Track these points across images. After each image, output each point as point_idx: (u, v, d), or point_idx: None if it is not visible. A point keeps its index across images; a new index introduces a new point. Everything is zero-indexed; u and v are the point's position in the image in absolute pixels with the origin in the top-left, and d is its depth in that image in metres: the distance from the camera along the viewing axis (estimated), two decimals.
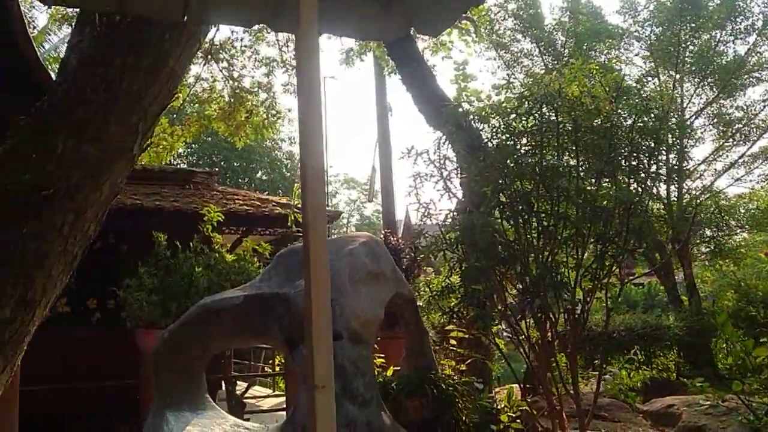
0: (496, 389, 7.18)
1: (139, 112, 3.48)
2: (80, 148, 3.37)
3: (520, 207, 4.27)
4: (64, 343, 9.08)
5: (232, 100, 12.83)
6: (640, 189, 4.53)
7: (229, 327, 3.37)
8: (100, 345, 9.46)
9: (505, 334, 6.36)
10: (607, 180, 4.51)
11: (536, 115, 4.43)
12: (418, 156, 4.57)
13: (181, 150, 26.08)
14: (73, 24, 4.11)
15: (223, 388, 9.16)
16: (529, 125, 4.52)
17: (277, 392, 13.17)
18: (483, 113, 4.88)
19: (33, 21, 16.33)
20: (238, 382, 10.99)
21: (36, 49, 10.78)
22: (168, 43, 3.47)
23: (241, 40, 12.94)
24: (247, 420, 5.25)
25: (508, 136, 4.57)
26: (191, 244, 8.10)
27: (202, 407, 3.59)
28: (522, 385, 5.37)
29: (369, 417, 2.92)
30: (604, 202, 4.31)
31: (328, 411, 1.58)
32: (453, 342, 5.29)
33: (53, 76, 11.48)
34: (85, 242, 3.56)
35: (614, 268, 4.33)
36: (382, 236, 10.40)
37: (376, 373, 3.44)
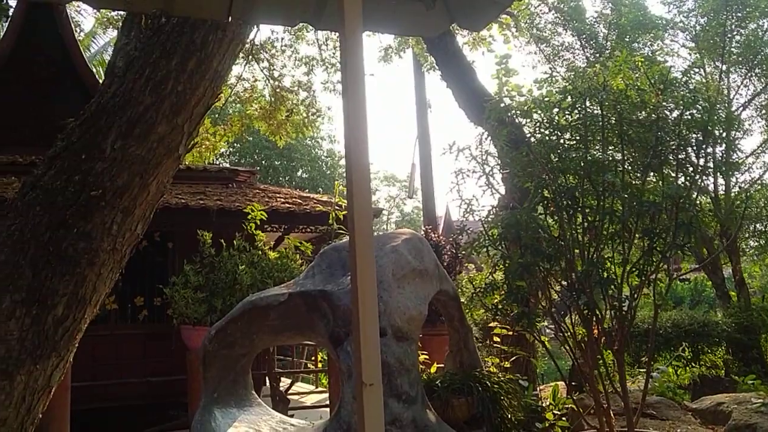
0: (540, 387, 7.11)
1: (184, 112, 3.53)
2: (128, 149, 3.44)
3: (565, 202, 4.21)
4: (113, 339, 9.30)
5: (272, 99, 12.95)
6: (687, 183, 4.43)
7: (275, 324, 3.40)
8: (147, 341, 9.66)
9: (548, 331, 6.29)
10: (654, 174, 4.42)
11: (580, 108, 4.37)
12: (460, 152, 4.55)
13: (223, 149, 26.40)
14: (119, 27, 4.19)
15: (267, 384, 9.26)
16: (573, 119, 4.45)
17: (320, 388, 13.27)
18: (525, 108, 4.82)
19: (79, 25, 16.71)
20: (281, 378, 11.10)
21: (83, 52, 11.02)
22: (212, 44, 3.51)
23: (281, 39, 13.05)
24: (291, 416, 5.29)
25: (551, 130, 4.51)
26: (235, 242, 8.20)
27: (248, 403, 3.64)
28: (567, 383, 5.31)
29: (414, 414, 2.92)
30: (651, 197, 4.22)
31: (377, 409, 1.58)
32: (496, 339, 5.26)
33: (98, 78, 11.72)
34: (133, 241, 3.64)
35: (662, 263, 4.25)
36: (422, 233, 10.38)
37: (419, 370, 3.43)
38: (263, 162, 33.39)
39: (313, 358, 14.94)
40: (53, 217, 3.36)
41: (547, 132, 4.56)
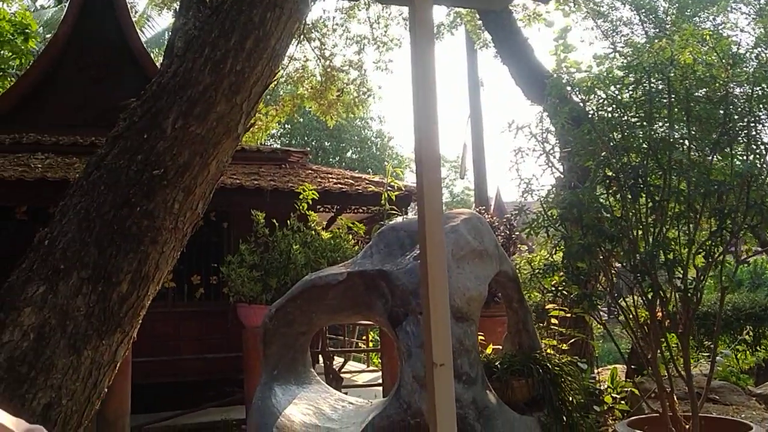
0: (597, 370, 7.00)
1: (243, 91, 3.54)
2: (188, 128, 3.46)
3: (628, 181, 4.09)
4: (171, 317, 9.52)
5: (323, 79, 12.96)
6: (757, 161, 4.25)
7: (333, 303, 3.41)
8: (204, 319, 9.86)
9: (601, 313, 6.16)
10: (723, 152, 4.25)
11: (645, 84, 4.22)
12: (519, 130, 4.45)
13: (274, 130, 26.64)
14: (176, 8, 4.24)
15: (320, 362, 9.36)
16: (638, 96, 4.31)
17: (371, 368, 13.37)
18: (587, 84, 4.69)
19: (134, 6, 16.99)
20: (334, 356, 11.21)
21: (139, 34, 11.18)
22: (270, 22, 3.50)
23: (333, 18, 13.03)
24: (345, 394, 5.33)
25: (614, 107, 4.37)
26: (288, 222, 8.27)
27: (307, 381, 3.66)
28: (628, 366, 5.20)
29: (474, 395, 2.89)
30: (719, 176, 4.06)
31: (447, 389, 1.54)
32: (554, 321, 5.18)
33: (154, 61, 11.89)
34: (194, 220, 3.67)
35: (731, 245, 4.10)
36: None
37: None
38: (313, 143, 33.60)
39: (364, 337, 15.07)
40: (117, 196, 3.41)
41: (609, 109, 4.43)
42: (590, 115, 4.60)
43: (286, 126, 31.75)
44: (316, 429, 3.22)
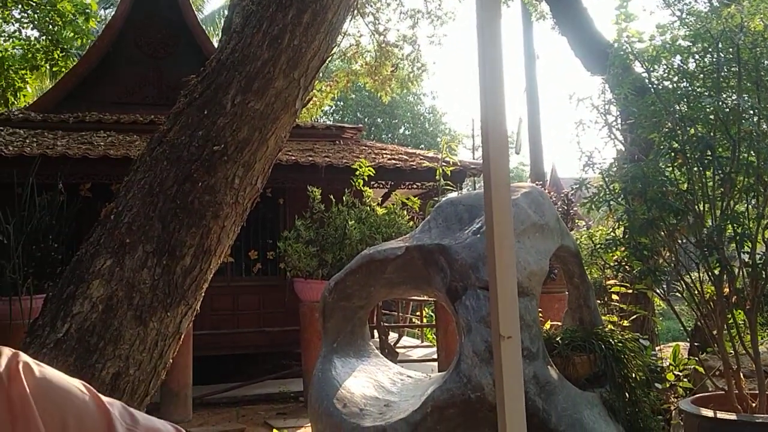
0: (658, 347, 6.86)
1: (300, 66, 3.54)
2: (247, 104, 3.48)
3: (695, 154, 3.95)
4: (230, 291, 9.73)
5: (377, 54, 12.90)
6: None
7: (391, 277, 3.41)
8: (261, 293, 10.04)
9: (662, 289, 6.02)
10: None
11: (713, 53, 4.05)
12: (580, 102, 4.34)
13: (326, 107, 26.72)
14: None
15: (375, 337, 9.43)
16: (705, 65, 4.14)
17: (425, 343, 13.43)
18: (650, 54, 4.53)
19: None
20: (389, 331, 11.29)
21: (195, 12, 11.30)
22: None
23: None
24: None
25: (679, 77, 4.22)
26: (344, 197, 8.32)
27: (366, 354, 3.69)
28: (690, 344, 5.08)
29: (536, 370, 2.86)
30: None
31: (515, 362, 1.52)
32: (615, 297, 5.08)
33: (211, 39, 12.00)
34: (253, 195, 3.71)
35: None
36: None
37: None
38: (365, 119, 33.60)
39: (417, 313, 15.13)
40: (179, 172, 3.46)
41: (675, 79, 4.27)
42: (654, 86, 4.45)
43: (339, 103, 31.83)
44: (376, 401, 3.24)
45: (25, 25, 12.01)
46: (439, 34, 13.34)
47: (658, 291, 4.35)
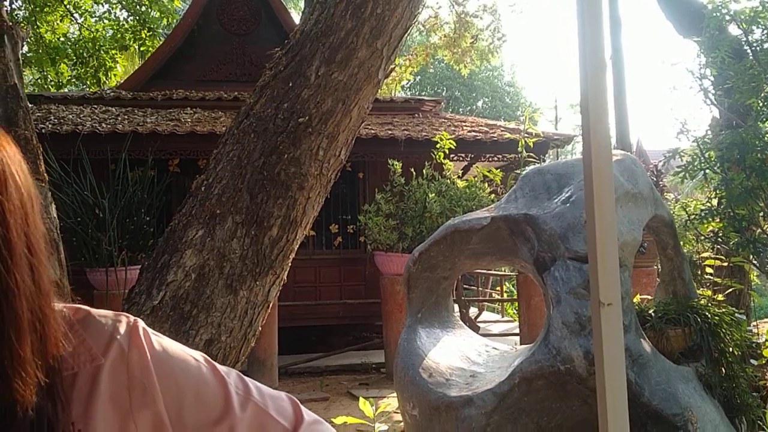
0: (754, 322, 6.57)
1: (383, 35, 3.51)
2: (331, 75, 3.48)
3: None
4: (312, 264, 9.90)
5: (457, 26, 12.70)
6: None
7: (476, 247, 3.37)
8: (342, 266, 10.17)
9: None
10: None
11: None
12: (673, 66, 4.15)
13: (404, 82, 26.60)
14: None
15: (456, 310, 9.41)
16: None
17: (506, 318, 13.33)
18: (748, 16, 4.27)
19: None
20: (469, 306, 11.26)
21: None
22: None
23: None
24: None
25: None
26: (423, 171, 8.29)
27: (450, 326, 3.67)
28: None
29: (628, 343, 2.78)
30: None
31: (616, 328, 1.47)
32: (709, 270, 4.87)
33: (291, 15, 12.11)
34: (337, 166, 3.73)
35: None
36: None
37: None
38: (443, 93, 33.28)
39: (498, 288, 15.01)
40: (266, 144, 3.51)
41: None
42: (753, 48, 4.20)
43: (417, 77, 31.65)
44: (462, 371, 3.23)
45: (115, 6, 12.44)
46: (521, 3, 12.94)
47: (755, 263, 4.14)
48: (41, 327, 0.74)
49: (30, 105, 4.41)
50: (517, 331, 9.25)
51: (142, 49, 12.46)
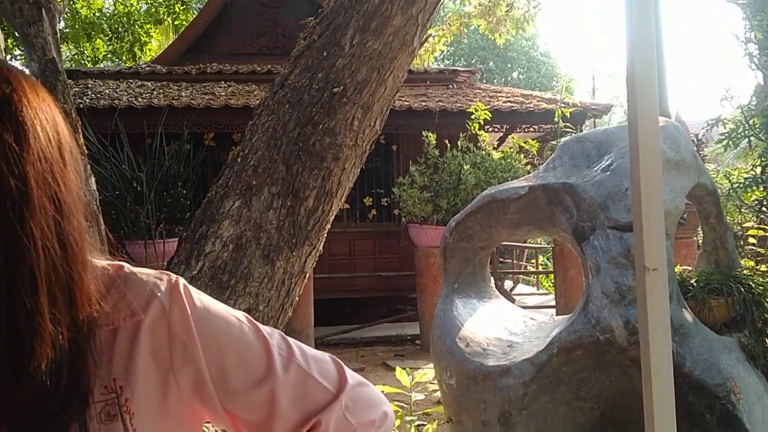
0: None
1: (418, 2, 3.45)
2: (365, 44, 3.44)
3: None
4: (346, 237, 9.93)
5: None
6: None
7: (514, 217, 3.33)
8: (377, 239, 10.19)
9: None
10: None
11: None
12: (717, 31, 4.02)
13: (437, 53, 26.32)
14: None
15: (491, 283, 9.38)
16: None
17: (541, 291, 13.26)
18: None
19: None
20: (504, 278, 11.22)
21: None
22: None
23: None
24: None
25: None
26: (458, 142, 8.22)
27: (487, 296, 3.66)
28: None
29: (670, 313, 2.73)
30: None
31: (661, 295, 1.44)
32: (752, 241, 4.76)
33: None
34: (372, 137, 3.71)
35: None
36: None
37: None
38: (477, 64, 32.87)
39: (533, 261, 14.92)
40: (301, 114, 3.50)
41: None
42: None
43: (450, 48, 31.30)
44: (499, 341, 3.22)
45: None
46: None
47: None
48: (67, 283, 0.73)
49: (68, 80, 4.45)
50: (552, 303, 9.20)
51: (176, 23, 12.53)
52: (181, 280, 0.87)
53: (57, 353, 0.71)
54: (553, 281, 9.75)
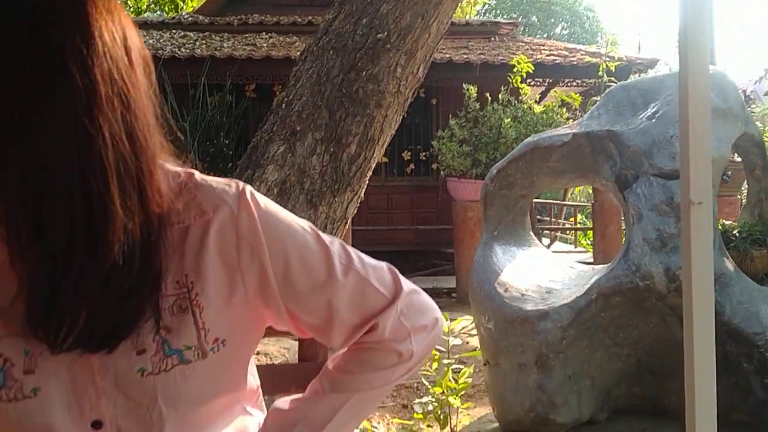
0: None
1: None
2: None
3: None
4: (385, 190, 9.98)
5: None
6: None
7: (556, 165, 3.33)
8: (414, 193, 10.22)
9: None
10: None
11: None
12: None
13: (479, 7, 25.82)
14: None
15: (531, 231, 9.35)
16: None
17: (579, 249, 13.19)
18: None
19: None
20: (541, 237, 11.17)
21: None
22: None
23: None
24: None
25: None
26: (499, 96, 8.13)
27: (527, 244, 3.68)
28: None
29: (713, 250, 2.73)
30: None
31: (706, 229, 1.45)
32: None
33: None
34: (415, 84, 3.71)
35: None
36: None
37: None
38: (520, 18, 32.20)
39: (571, 219, 14.80)
40: (344, 60, 3.51)
41: None
42: None
43: (492, 1, 30.67)
44: (538, 287, 3.25)
45: None
46: None
47: None
48: (137, 174, 0.78)
49: None
50: (590, 261, 9.16)
51: None
52: (248, 187, 0.92)
53: (129, 238, 0.76)
54: (591, 239, 9.69)
